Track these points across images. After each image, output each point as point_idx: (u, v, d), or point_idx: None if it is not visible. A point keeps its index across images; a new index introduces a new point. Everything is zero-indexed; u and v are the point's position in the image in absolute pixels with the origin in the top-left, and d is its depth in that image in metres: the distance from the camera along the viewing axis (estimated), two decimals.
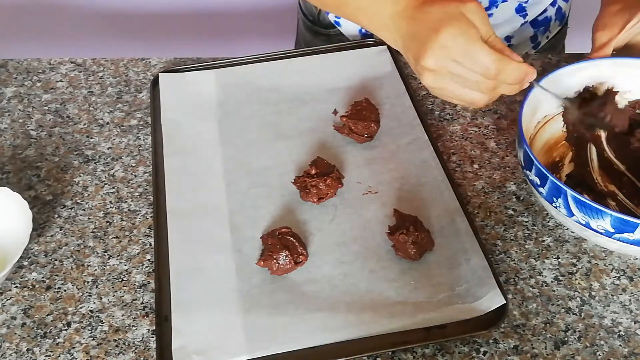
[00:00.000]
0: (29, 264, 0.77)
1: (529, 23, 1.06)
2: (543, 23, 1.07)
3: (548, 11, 1.07)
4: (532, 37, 1.08)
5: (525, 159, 0.73)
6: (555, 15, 1.08)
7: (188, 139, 0.89)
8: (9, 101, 0.97)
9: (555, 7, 1.07)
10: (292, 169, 0.85)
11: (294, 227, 0.76)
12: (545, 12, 1.06)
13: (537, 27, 1.07)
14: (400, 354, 0.69)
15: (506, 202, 0.82)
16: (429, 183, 0.82)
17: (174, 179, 0.84)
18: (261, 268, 0.74)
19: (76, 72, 1.02)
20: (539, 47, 1.10)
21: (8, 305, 0.74)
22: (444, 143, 0.89)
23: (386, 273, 0.74)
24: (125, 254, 0.78)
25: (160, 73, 0.97)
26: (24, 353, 0.69)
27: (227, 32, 1.68)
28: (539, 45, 1.10)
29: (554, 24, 1.09)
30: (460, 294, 0.72)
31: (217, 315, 0.71)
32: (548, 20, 1.07)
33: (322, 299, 0.72)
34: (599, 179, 0.83)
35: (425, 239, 0.75)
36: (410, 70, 0.99)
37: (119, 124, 0.94)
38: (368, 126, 0.87)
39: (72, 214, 0.82)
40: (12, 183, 0.86)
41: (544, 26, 1.08)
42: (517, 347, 0.69)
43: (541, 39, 1.10)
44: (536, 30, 1.07)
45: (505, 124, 0.92)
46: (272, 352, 0.68)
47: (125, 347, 0.70)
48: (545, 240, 0.78)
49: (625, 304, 0.72)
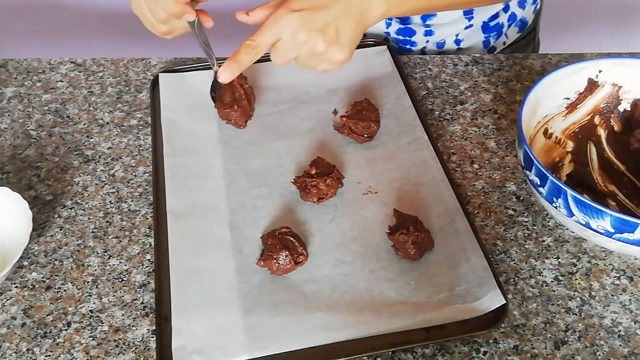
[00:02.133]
0: (29, 264, 0.77)
1: (480, 28, 1.06)
2: (495, 29, 1.07)
3: (500, 17, 1.06)
4: (484, 41, 1.08)
5: (525, 159, 0.73)
6: (508, 22, 1.07)
7: (188, 139, 0.89)
8: (9, 101, 0.97)
9: (508, 14, 1.06)
10: (292, 169, 0.85)
11: (294, 227, 0.76)
12: (496, 18, 1.06)
13: (488, 32, 1.07)
14: (400, 354, 0.69)
15: (506, 202, 0.82)
16: (429, 183, 0.82)
17: (174, 179, 0.84)
18: (261, 268, 0.74)
19: (76, 72, 1.02)
20: (495, 52, 1.10)
21: (8, 305, 0.74)
22: (444, 143, 0.89)
23: (386, 273, 0.74)
24: (125, 254, 0.78)
25: (160, 73, 0.97)
26: (24, 353, 0.69)
27: (227, 32, 1.68)
28: (495, 51, 1.10)
29: (509, 30, 1.08)
30: (460, 294, 0.72)
31: (217, 316, 0.71)
32: (500, 26, 1.07)
33: (322, 299, 0.72)
34: (599, 179, 0.83)
35: (425, 239, 0.75)
36: (410, 70, 0.99)
37: (119, 124, 0.94)
38: (368, 126, 0.87)
39: (72, 214, 0.82)
40: (12, 183, 0.86)
41: (496, 32, 1.07)
42: (517, 347, 0.69)
43: (495, 45, 1.09)
44: (487, 35, 1.07)
45: (505, 124, 0.92)
46: (272, 352, 0.68)
47: (125, 347, 0.70)
48: (545, 240, 0.78)
49: (625, 304, 0.72)
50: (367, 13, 0.72)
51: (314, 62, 0.73)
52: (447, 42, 1.06)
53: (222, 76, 0.72)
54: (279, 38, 0.71)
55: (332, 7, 0.71)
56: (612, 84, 0.83)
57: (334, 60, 0.73)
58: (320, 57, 0.72)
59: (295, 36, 0.70)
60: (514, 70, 1.00)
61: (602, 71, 0.82)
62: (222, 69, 0.72)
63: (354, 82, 0.96)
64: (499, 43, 1.09)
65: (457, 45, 1.07)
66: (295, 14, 0.70)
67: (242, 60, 0.71)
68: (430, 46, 1.07)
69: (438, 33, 1.04)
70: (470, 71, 1.00)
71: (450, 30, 1.04)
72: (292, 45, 0.71)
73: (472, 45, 1.07)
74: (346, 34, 0.72)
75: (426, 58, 1.02)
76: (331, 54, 0.72)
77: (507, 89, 0.97)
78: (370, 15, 0.73)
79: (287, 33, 0.70)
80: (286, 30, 0.70)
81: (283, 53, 0.72)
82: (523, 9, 1.07)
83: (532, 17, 1.10)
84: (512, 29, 1.08)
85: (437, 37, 1.05)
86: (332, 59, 0.73)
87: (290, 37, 0.71)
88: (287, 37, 0.71)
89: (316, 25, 0.70)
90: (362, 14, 0.72)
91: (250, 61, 0.71)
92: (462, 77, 0.99)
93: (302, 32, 0.70)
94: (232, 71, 0.72)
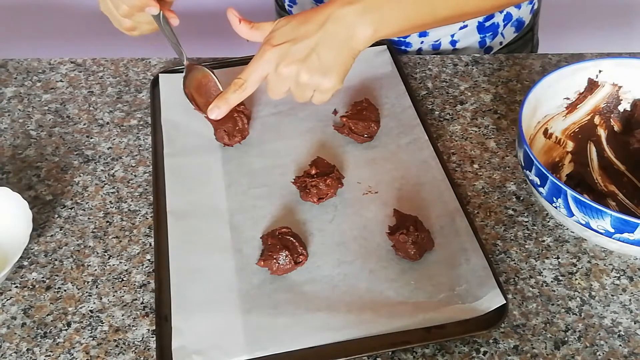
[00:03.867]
0: (29, 264, 0.77)
1: (475, 28, 1.06)
2: (491, 29, 1.07)
3: (495, 17, 1.06)
4: (480, 42, 1.08)
5: (525, 159, 0.73)
6: (504, 22, 1.07)
7: (188, 139, 0.89)
8: (9, 101, 0.97)
9: (504, 14, 1.06)
10: (292, 169, 0.85)
11: (294, 227, 0.76)
12: (492, 18, 1.05)
13: (484, 32, 1.07)
14: (400, 354, 0.69)
15: (506, 202, 0.82)
16: (429, 183, 0.82)
17: (174, 179, 0.84)
18: (261, 268, 0.74)
19: (76, 72, 1.02)
20: (492, 52, 1.10)
21: (8, 305, 0.74)
22: (444, 143, 0.89)
23: (386, 273, 0.74)
24: (125, 254, 0.78)
25: (160, 73, 0.97)
26: (24, 353, 0.69)
27: (227, 32, 1.68)
28: (491, 51, 1.10)
29: (505, 30, 1.08)
30: (460, 294, 0.72)
31: (217, 316, 0.71)
32: (496, 26, 1.07)
33: (322, 299, 0.72)
34: (599, 179, 0.83)
35: (425, 239, 0.75)
36: (410, 70, 0.99)
37: (119, 124, 0.94)
38: (368, 126, 0.87)
39: (72, 214, 0.82)
40: (12, 183, 0.86)
41: (492, 32, 1.07)
42: (517, 347, 0.69)
43: (492, 45, 1.09)
44: (483, 35, 1.07)
45: (505, 124, 0.92)
46: (272, 352, 0.68)
47: (125, 347, 0.70)
48: (545, 240, 0.78)
49: (625, 304, 0.72)
50: (353, 38, 0.72)
51: (307, 93, 0.74)
52: (443, 43, 1.06)
53: (212, 114, 0.75)
54: (265, 74, 0.72)
55: (312, 36, 0.71)
56: (612, 84, 0.83)
57: (323, 89, 0.73)
58: (309, 87, 0.73)
59: (277, 71, 0.71)
60: (514, 70, 1.00)
61: (602, 71, 0.82)
62: (212, 107, 0.74)
63: (354, 82, 0.96)
64: (495, 43, 1.09)
65: (453, 46, 1.07)
66: (276, 48, 0.71)
67: (230, 99, 0.74)
68: (426, 47, 1.07)
69: (433, 34, 1.04)
70: (470, 71, 1.00)
71: (445, 31, 1.04)
72: (278, 80, 0.72)
73: (468, 46, 1.07)
74: (330, 60, 0.71)
75: (426, 58, 1.02)
76: (317, 82, 0.72)
77: (507, 89, 0.97)
78: (358, 39, 0.72)
79: (270, 69, 0.72)
80: (268, 65, 0.72)
81: (273, 88, 0.73)
82: (519, 8, 1.07)
83: (529, 17, 1.10)
84: (508, 29, 1.08)
85: (432, 37, 1.05)
86: (320, 87, 0.73)
87: (274, 72, 0.72)
88: (271, 72, 0.72)
89: (296, 56, 0.71)
90: (348, 39, 0.72)
91: (239, 99, 0.74)
92: (462, 77, 0.99)
93: (283, 65, 0.71)
94: (220, 109, 0.74)
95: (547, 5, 1.19)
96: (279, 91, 0.74)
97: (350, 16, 0.71)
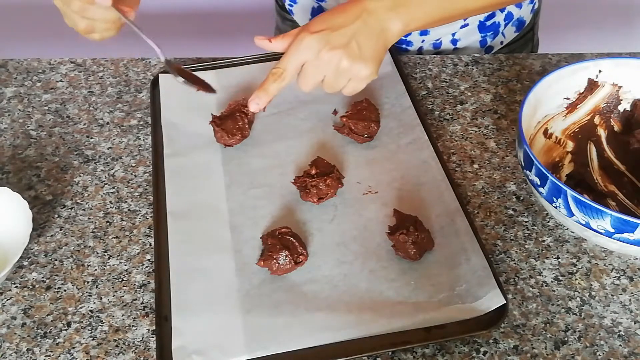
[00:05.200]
0: (29, 264, 0.77)
1: (476, 27, 1.06)
2: (491, 28, 1.07)
3: (496, 16, 1.06)
4: (481, 41, 1.08)
5: (525, 159, 0.73)
6: (505, 21, 1.07)
7: (188, 139, 0.89)
8: (9, 101, 0.97)
9: (505, 13, 1.06)
10: (292, 169, 0.85)
11: (294, 227, 0.76)
12: (493, 17, 1.05)
13: (485, 31, 1.07)
14: (400, 354, 0.69)
15: (506, 202, 0.82)
16: (429, 183, 0.82)
17: (174, 179, 0.84)
18: (261, 268, 0.74)
19: (76, 72, 1.02)
20: (492, 52, 1.10)
21: (8, 305, 0.74)
22: (444, 143, 0.89)
23: (386, 273, 0.74)
24: (125, 254, 0.78)
25: (160, 73, 0.97)
26: (24, 353, 0.69)
27: (227, 32, 1.68)
28: (492, 51, 1.10)
29: (506, 29, 1.08)
30: (460, 294, 0.72)
31: (217, 315, 0.71)
32: (497, 25, 1.07)
33: (322, 299, 0.72)
34: (599, 179, 0.83)
35: (425, 239, 0.75)
36: (410, 70, 0.99)
37: (119, 124, 0.94)
38: (368, 126, 0.87)
39: (72, 214, 0.82)
40: (12, 183, 0.86)
41: (493, 31, 1.07)
42: (517, 347, 0.69)
43: (492, 44, 1.09)
44: (484, 34, 1.07)
45: (505, 124, 0.92)
46: (272, 352, 0.68)
47: (125, 347, 0.70)
48: (545, 240, 0.78)
49: (625, 304, 0.72)
50: (386, 31, 0.73)
51: (341, 81, 0.74)
52: (444, 42, 1.06)
53: (253, 107, 0.74)
54: (304, 62, 0.72)
55: (350, 25, 0.72)
56: (612, 84, 0.83)
57: (360, 77, 0.73)
58: (346, 75, 0.73)
59: (318, 56, 0.71)
60: (514, 70, 1.00)
61: (602, 71, 0.82)
62: (252, 99, 0.73)
63: None
64: (496, 42, 1.09)
65: (454, 45, 1.07)
66: (316, 35, 0.71)
67: (269, 89, 0.73)
68: (427, 46, 1.07)
69: (434, 33, 1.04)
70: (470, 71, 1.00)
71: (446, 30, 1.04)
72: (317, 66, 0.72)
73: (468, 45, 1.07)
74: (368, 49, 0.72)
75: (426, 58, 1.02)
76: (357, 69, 0.72)
77: (507, 89, 0.97)
78: (390, 33, 0.74)
79: (310, 55, 0.71)
80: (309, 52, 0.71)
81: (310, 75, 0.73)
82: (520, 8, 1.07)
83: (530, 16, 1.10)
84: (509, 28, 1.08)
85: (433, 36, 1.05)
86: (358, 75, 0.73)
87: (314, 58, 0.71)
88: (311, 58, 0.71)
89: (338, 43, 0.71)
90: (382, 31, 0.73)
91: (278, 89, 0.73)
92: (462, 77, 0.99)
93: (325, 51, 0.71)
94: (261, 100, 0.73)
95: (547, 5, 1.19)
96: (314, 80, 0.73)
97: (380, 11, 0.72)
